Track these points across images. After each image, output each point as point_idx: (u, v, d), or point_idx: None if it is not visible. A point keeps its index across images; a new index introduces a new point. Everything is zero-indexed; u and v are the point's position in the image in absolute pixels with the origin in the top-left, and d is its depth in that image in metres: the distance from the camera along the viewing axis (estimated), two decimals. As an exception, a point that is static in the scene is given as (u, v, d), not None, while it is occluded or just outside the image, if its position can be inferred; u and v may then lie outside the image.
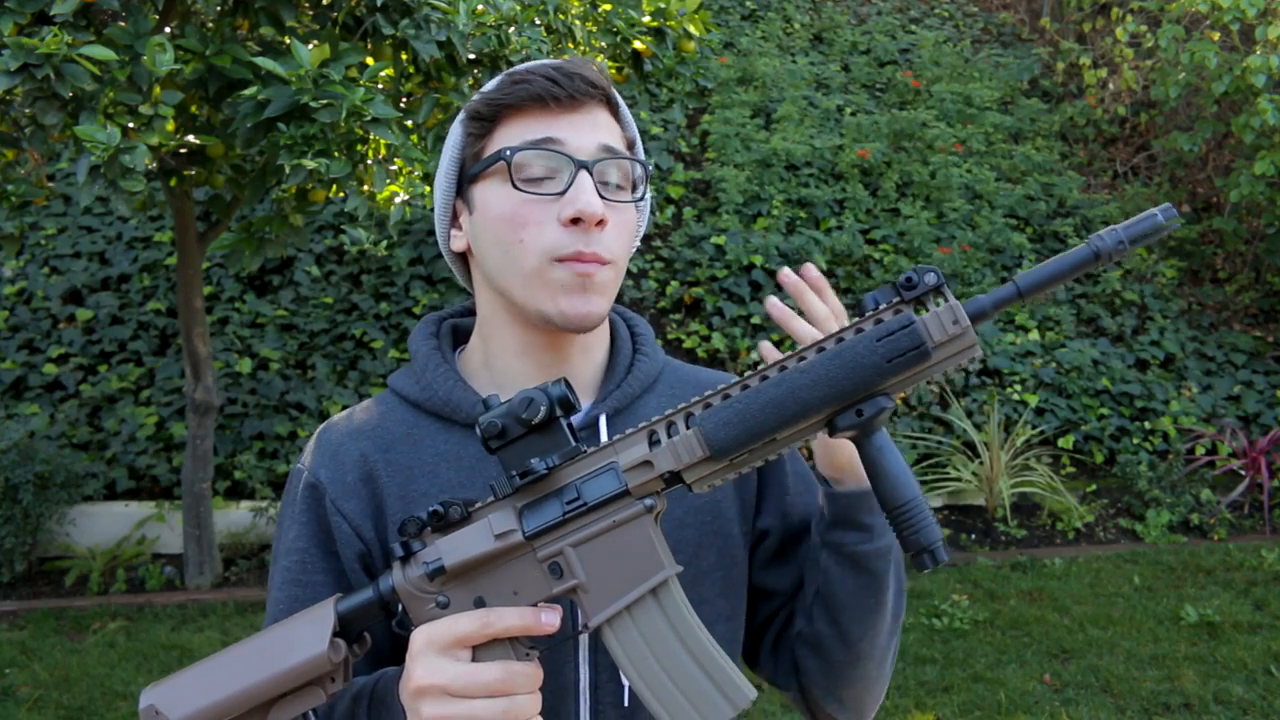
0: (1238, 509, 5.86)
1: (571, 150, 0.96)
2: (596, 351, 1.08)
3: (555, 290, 0.96)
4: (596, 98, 1.00)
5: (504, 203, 0.98)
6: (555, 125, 0.97)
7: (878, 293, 0.82)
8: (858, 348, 0.80)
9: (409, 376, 1.07)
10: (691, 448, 0.82)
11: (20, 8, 2.59)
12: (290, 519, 1.03)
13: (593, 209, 0.94)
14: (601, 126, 1.00)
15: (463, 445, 1.02)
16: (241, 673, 0.85)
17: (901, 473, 0.82)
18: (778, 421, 0.80)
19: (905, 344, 0.79)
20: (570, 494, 0.84)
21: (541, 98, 0.97)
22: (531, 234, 0.96)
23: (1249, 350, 6.71)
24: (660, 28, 4.08)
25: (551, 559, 0.84)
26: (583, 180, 0.95)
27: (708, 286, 6.36)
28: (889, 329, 0.79)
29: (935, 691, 3.92)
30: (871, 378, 0.79)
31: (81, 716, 3.78)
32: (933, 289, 0.80)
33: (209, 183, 3.67)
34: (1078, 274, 0.80)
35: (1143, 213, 0.80)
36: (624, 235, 1.00)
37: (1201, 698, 3.85)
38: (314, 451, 1.04)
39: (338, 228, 6.32)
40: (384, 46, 3.20)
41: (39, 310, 5.90)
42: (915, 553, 0.81)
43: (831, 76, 8.47)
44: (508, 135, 0.98)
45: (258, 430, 5.40)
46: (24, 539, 4.81)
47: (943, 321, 0.79)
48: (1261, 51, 6.41)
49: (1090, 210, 7.46)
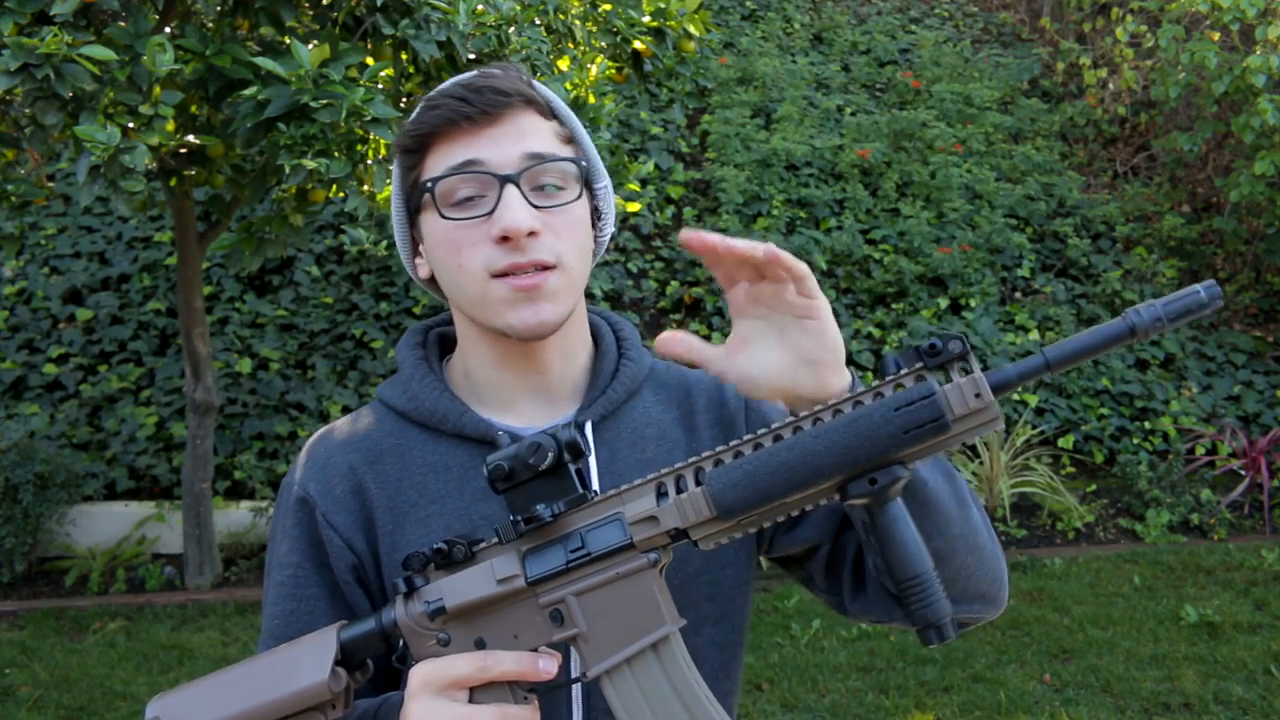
0: (1238, 509, 5.86)
1: (493, 167, 0.96)
2: (579, 355, 1.07)
3: (500, 305, 0.97)
4: (514, 104, 0.98)
5: (439, 231, 0.99)
6: (476, 144, 0.97)
7: (900, 356, 0.80)
8: (874, 416, 0.78)
9: (396, 386, 1.07)
10: (698, 507, 0.81)
11: (20, 8, 2.59)
12: (283, 533, 1.04)
13: (517, 224, 0.94)
14: (527, 133, 0.98)
15: (450, 455, 1.02)
16: (245, 693, 0.86)
17: (914, 545, 0.80)
18: (787, 486, 0.79)
19: (924, 415, 0.77)
20: (575, 542, 0.84)
21: (453, 120, 0.97)
22: (468, 257, 0.97)
23: (1249, 350, 6.71)
24: (660, 28, 4.08)
25: (553, 606, 0.84)
26: (508, 196, 0.95)
27: (708, 286, 6.36)
28: (908, 398, 0.78)
29: (935, 691, 3.92)
30: (886, 447, 0.78)
31: (81, 716, 3.78)
32: (957, 357, 0.78)
33: (209, 183, 3.67)
34: (1111, 348, 0.77)
35: (1185, 289, 0.76)
36: (569, 235, 0.99)
37: (1201, 698, 3.85)
38: (304, 465, 1.05)
39: (338, 228, 6.32)
40: (384, 46, 3.20)
41: (39, 310, 5.90)
42: (922, 628, 0.80)
43: (831, 76, 8.47)
44: (435, 163, 0.99)
45: (258, 430, 5.40)
46: (24, 539, 4.81)
47: (965, 394, 0.78)
48: (1261, 51, 6.41)
49: (1090, 210, 7.46)
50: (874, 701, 3.85)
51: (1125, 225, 7.40)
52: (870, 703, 3.84)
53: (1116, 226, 7.39)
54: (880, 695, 3.90)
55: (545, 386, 1.05)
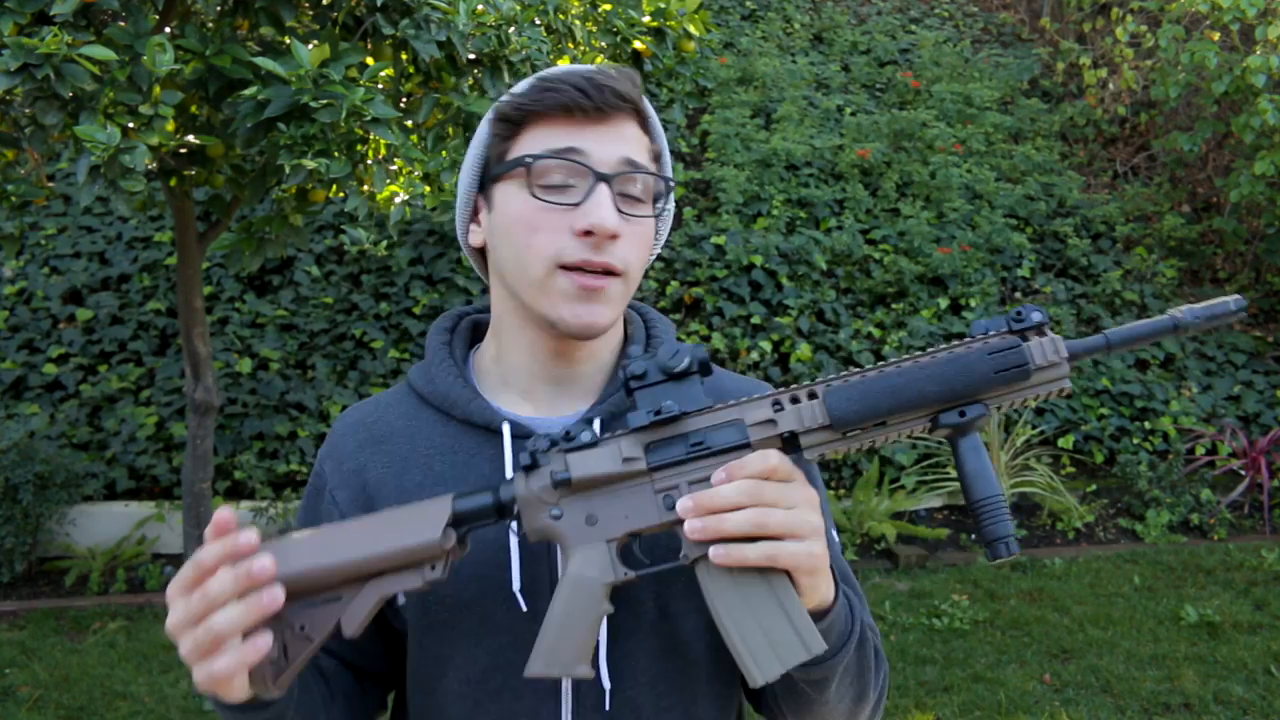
0: (1238, 509, 5.86)
1: (593, 162, 0.97)
2: (605, 353, 1.09)
3: (558, 298, 0.98)
4: (625, 110, 1.00)
5: (520, 206, 0.99)
6: (580, 135, 0.98)
7: (988, 321, 0.92)
8: (971, 356, 0.90)
9: (421, 369, 1.11)
10: (815, 415, 0.90)
11: (20, 8, 2.59)
12: (304, 501, 1.11)
13: (606, 223, 0.95)
14: (628, 139, 1.00)
15: (458, 440, 1.05)
16: (353, 544, 0.90)
17: (987, 471, 0.90)
18: (894, 405, 0.89)
19: (1013, 360, 0.89)
20: (696, 439, 0.91)
21: (568, 107, 0.97)
22: (542, 240, 0.97)
23: (1249, 350, 6.71)
24: (660, 28, 4.08)
25: (667, 492, 0.90)
26: (600, 193, 0.96)
27: (708, 286, 6.36)
28: (1001, 346, 0.90)
29: (935, 691, 3.92)
30: (979, 384, 0.89)
31: (81, 716, 3.78)
32: (1036, 326, 0.91)
33: (209, 183, 3.66)
34: (1157, 339, 0.92)
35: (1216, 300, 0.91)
36: (639, 248, 1.01)
37: (1201, 698, 3.85)
38: (327, 441, 1.12)
39: (338, 228, 6.32)
40: (384, 46, 3.19)
41: (39, 310, 5.90)
42: (990, 541, 0.89)
43: (831, 76, 8.47)
44: (532, 140, 0.99)
45: (258, 430, 5.40)
46: (24, 539, 4.81)
47: (1045, 350, 0.90)
48: (1261, 51, 6.41)
49: (1090, 210, 7.46)
50: (874, 701, 3.85)
51: (1125, 225, 7.40)
52: (870, 703, 3.84)
53: (1116, 226, 7.39)
54: (880, 695, 3.90)
55: (568, 379, 1.07)
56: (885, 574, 5.17)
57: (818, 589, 0.90)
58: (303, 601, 0.89)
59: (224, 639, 0.82)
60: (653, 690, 1.00)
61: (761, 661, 0.87)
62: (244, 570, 0.83)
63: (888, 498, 5.60)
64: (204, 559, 0.84)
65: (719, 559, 0.86)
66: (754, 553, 0.85)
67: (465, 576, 0.99)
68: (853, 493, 5.65)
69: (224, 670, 0.82)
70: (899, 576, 5.11)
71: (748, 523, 0.85)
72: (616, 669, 0.99)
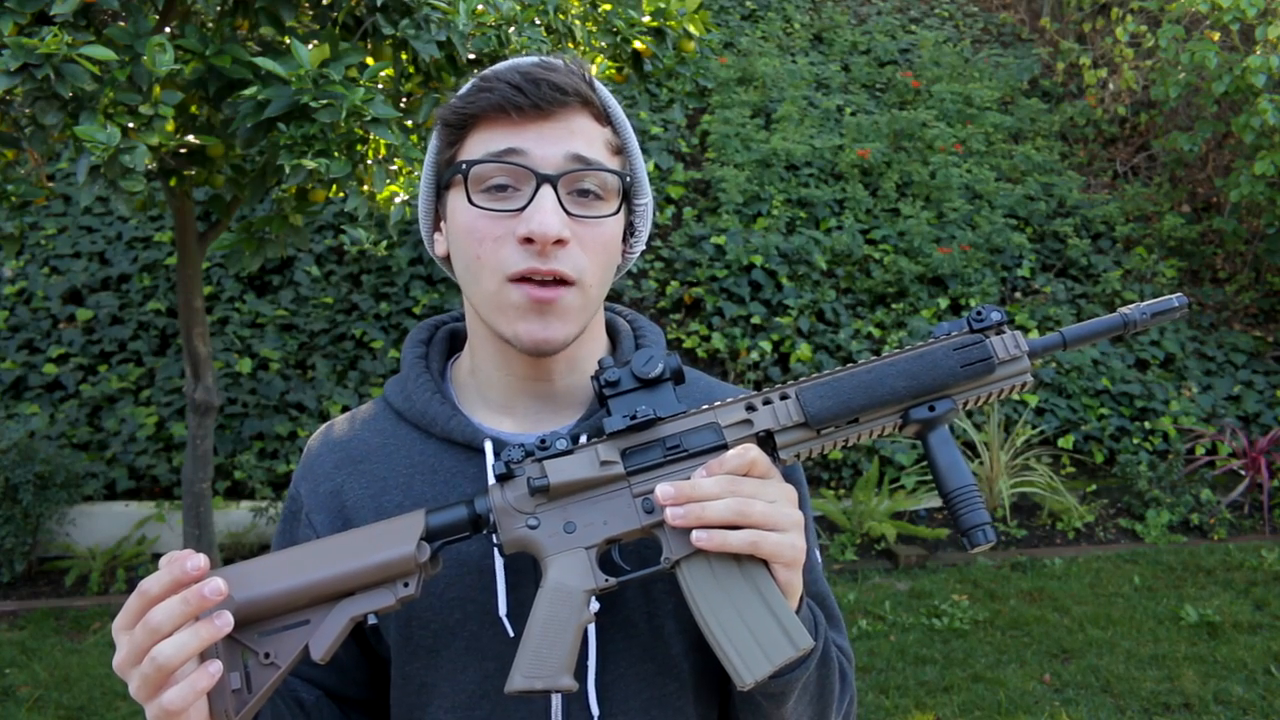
0: (1238, 509, 5.86)
1: (533, 162, 0.92)
2: (586, 366, 1.04)
3: (511, 313, 0.93)
4: (570, 103, 0.94)
5: (464, 216, 0.95)
6: (520, 135, 0.93)
7: (950, 324, 0.96)
8: (938, 353, 0.93)
9: (396, 384, 1.07)
10: (789, 413, 0.92)
11: (20, 8, 2.59)
12: (279, 525, 1.07)
13: (547, 229, 0.90)
14: (576, 134, 0.94)
15: (438, 458, 1.01)
16: (319, 564, 0.86)
17: (958, 463, 0.93)
18: (866, 401, 0.91)
19: (977, 355, 0.93)
20: (673, 442, 0.91)
21: (503, 106, 0.92)
22: (488, 250, 0.93)
23: (1249, 350, 6.71)
24: (660, 28, 4.08)
25: (645, 495, 0.90)
26: (542, 197, 0.91)
27: (708, 286, 6.36)
28: (965, 342, 0.94)
29: (935, 691, 3.92)
30: (947, 379, 0.92)
31: (81, 716, 3.78)
32: (995, 325, 0.95)
33: (209, 183, 3.66)
34: (1108, 336, 0.97)
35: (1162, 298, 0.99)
36: (597, 252, 0.95)
37: (1201, 698, 3.85)
38: (301, 463, 1.07)
39: (338, 228, 6.32)
40: (384, 46, 3.19)
41: (39, 310, 5.90)
42: (967, 530, 0.91)
43: (831, 76, 8.47)
44: (475, 144, 0.95)
45: (258, 430, 5.40)
46: (24, 539, 4.81)
47: (1007, 345, 0.95)
48: (1261, 51, 6.41)
49: (1090, 210, 7.46)
50: (874, 701, 3.85)
51: (1125, 225, 7.40)
52: (870, 703, 3.84)
53: (1116, 226, 7.39)
54: (880, 695, 3.90)
55: (549, 395, 1.03)
56: (885, 574, 5.17)
57: (794, 586, 0.89)
58: (267, 627, 0.85)
59: (170, 670, 0.77)
60: (644, 715, 0.98)
61: (750, 661, 0.86)
62: (194, 594, 0.78)
63: (888, 498, 5.60)
64: (149, 588, 0.79)
65: (701, 542, 0.84)
66: (737, 538, 0.84)
67: (449, 600, 0.96)
68: (853, 493, 5.65)
69: (175, 702, 0.77)
70: (899, 576, 5.11)
71: (729, 510, 0.84)
72: (606, 693, 0.96)
